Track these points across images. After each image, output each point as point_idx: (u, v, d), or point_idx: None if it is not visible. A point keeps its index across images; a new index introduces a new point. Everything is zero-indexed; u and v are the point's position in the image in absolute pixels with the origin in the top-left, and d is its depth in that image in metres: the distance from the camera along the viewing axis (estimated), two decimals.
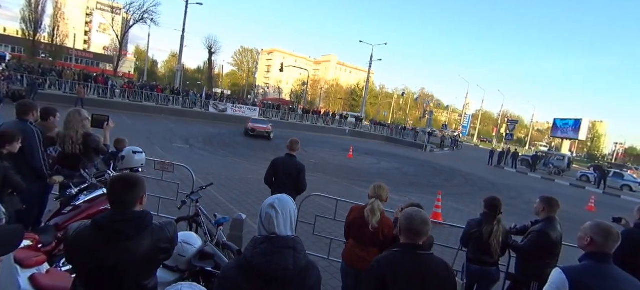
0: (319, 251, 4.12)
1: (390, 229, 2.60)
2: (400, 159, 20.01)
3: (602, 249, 1.85)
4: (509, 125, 45.02)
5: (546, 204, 3.06)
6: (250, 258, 1.30)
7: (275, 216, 1.35)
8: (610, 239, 1.84)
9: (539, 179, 22.26)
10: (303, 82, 60.51)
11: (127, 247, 1.45)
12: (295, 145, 4.02)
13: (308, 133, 26.83)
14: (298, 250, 1.34)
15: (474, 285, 3.29)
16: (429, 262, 1.69)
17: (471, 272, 3.25)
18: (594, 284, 1.76)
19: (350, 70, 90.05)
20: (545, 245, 2.92)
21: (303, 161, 3.97)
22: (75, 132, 3.34)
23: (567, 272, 1.82)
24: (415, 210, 1.80)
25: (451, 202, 9.67)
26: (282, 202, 1.40)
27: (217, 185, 6.74)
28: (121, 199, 1.49)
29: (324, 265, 4.03)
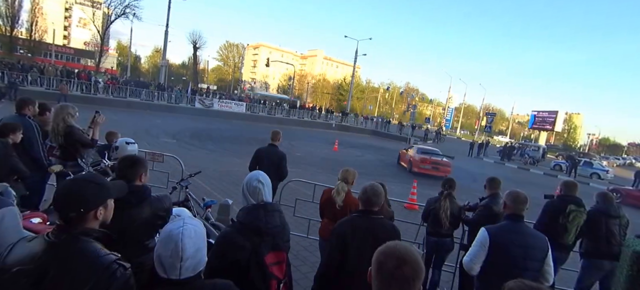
0: (298, 231, 4.55)
1: (356, 206, 3.03)
2: (384, 151, 20.62)
3: (513, 211, 2.36)
4: (487, 118, 46.46)
5: (490, 183, 3.59)
6: (247, 222, 1.64)
7: (262, 188, 1.73)
8: (518, 203, 2.35)
9: (515, 169, 23.27)
10: (290, 77, 60.53)
11: (131, 214, 1.78)
12: (276, 135, 4.42)
13: (295, 127, 27.13)
14: (280, 212, 1.78)
15: (432, 254, 3.79)
16: (380, 224, 2.13)
17: (429, 243, 3.76)
18: (507, 237, 2.27)
19: (337, 64, 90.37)
20: (489, 217, 3.40)
21: (289, 154, 4.38)
22: (57, 124, 3.48)
23: (488, 230, 2.33)
24: (370, 184, 2.24)
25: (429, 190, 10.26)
26: (264, 177, 1.80)
27: (204, 176, 7.06)
28: (124, 174, 1.87)
29: (304, 244, 4.48)
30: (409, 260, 1.02)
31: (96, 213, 1.22)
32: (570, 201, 3.50)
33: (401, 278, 1.00)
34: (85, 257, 1.11)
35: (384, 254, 1.05)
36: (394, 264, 1.02)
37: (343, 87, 68.23)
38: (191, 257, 1.18)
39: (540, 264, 2.21)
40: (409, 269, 1.01)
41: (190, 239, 1.19)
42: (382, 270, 1.03)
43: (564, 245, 3.57)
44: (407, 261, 1.02)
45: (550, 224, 3.45)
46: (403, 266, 1.01)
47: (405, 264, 1.01)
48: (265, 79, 74.88)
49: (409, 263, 1.02)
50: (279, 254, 1.67)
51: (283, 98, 41.07)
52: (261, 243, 1.59)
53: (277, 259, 1.64)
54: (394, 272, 1.01)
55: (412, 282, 1.01)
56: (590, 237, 3.53)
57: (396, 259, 1.02)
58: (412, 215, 6.17)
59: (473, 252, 2.33)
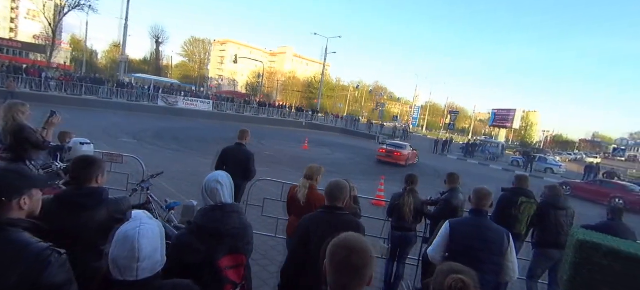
0: (266, 230, 4.54)
1: (321, 202, 3.08)
2: (354, 149, 20.99)
3: (477, 206, 2.52)
4: (451, 116, 48.78)
5: (449, 178, 3.81)
6: (203, 224, 1.60)
7: (221, 189, 1.69)
8: (481, 199, 2.51)
9: (476, 165, 24.65)
10: (258, 74, 59.56)
11: (86, 217, 1.69)
12: (244, 134, 4.35)
13: (264, 126, 26.81)
14: (240, 213, 1.74)
15: (397, 249, 3.94)
16: (343, 219, 2.18)
17: (394, 237, 3.89)
18: (466, 229, 2.42)
19: (307, 62, 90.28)
20: (449, 211, 3.59)
21: (258, 153, 4.33)
22: (6, 122, 3.23)
23: (451, 223, 2.49)
24: (334, 181, 2.29)
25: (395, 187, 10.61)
26: (223, 177, 1.76)
27: (168, 178, 6.80)
28: (78, 176, 1.77)
29: (272, 244, 4.47)
30: (357, 250, 1.08)
31: (20, 202, 1.21)
32: (521, 194, 3.79)
33: (350, 267, 1.07)
34: (12, 246, 1.10)
35: (335, 245, 1.12)
36: (343, 254, 1.08)
37: (313, 85, 68.31)
38: (148, 257, 1.17)
39: (499, 258, 2.31)
40: (357, 258, 1.07)
41: (147, 239, 1.17)
42: (333, 261, 1.09)
43: (517, 235, 3.85)
44: (355, 251, 1.08)
45: (503, 216, 3.72)
46: (352, 256, 1.07)
47: (354, 254, 1.08)
48: (233, 76, 73.00)
49: (358, 253, 1.08)
50: (237, 257, 1.63)
51: None
52: (217, 246, 1.55)
53: (235, 263, 1.61)
54: (344, 262, 1.08)
55: (361, 271, 1.07)
56: (541, 227, 3.84)
57: (345, 250, 1.08)
58: (380, 212, 6.36)
59: (436, 242, 2.48)
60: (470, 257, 2.30)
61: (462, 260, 2.31)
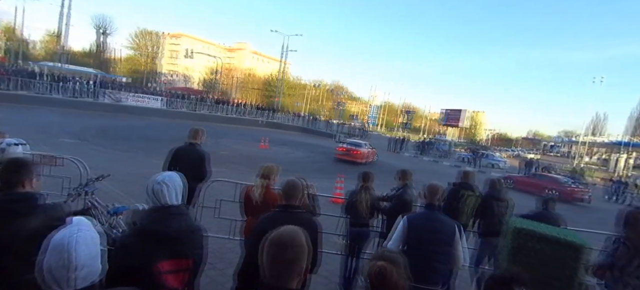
0: (222, 233, 4.38)
1: (277, 201, 3.05)
2: (313, 148, 21.11)
3: (430, 201, 2.67)
4: (406, 115, 51.21)
5: (401, 175, 3.99)
6: (146, 225, 1.51)
7: (165, 190, 1.58)
8: (433, 194, 2.67)
9: (429, 161, 26.14)
10: (214, 71, 57.34)
11: (16, 225, 1.51)
12: (197, 133, 4.13)
13: (221, 124, 25.93)
14: (187, 215, 1.64)
15: (354, 244, 4.03)
16: (298, 218, 2.17)
17: (351, 233, 3.98)
18: (420, 223, 2.56)
19: (266, 59, 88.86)
20: (401, 206, 3.76)
21: (214, 153, 4.14)
22: None
23: (407, 217, 2.62)
24: (289, 180, 2.28)
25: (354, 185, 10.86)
26: (169, 178, 1.65)
27: (114, 181, 6.26)
28: (7, 179, 1.58)
29: (229, 246, 4.32)
30: (290, 244, 1.14)
31: None
32: (465, 187, 4.10)
33: (283, 260, 1.13)
34: None
35: (271, 239, 1.18)
36: (277, 249, 1.14)
37: (272, 83, 67.46)
38: (85, 266, 1.09)
39: (451, 247, 2.50)
40: (291, 252, 1.13)
41: (83, 247, 1.10)
42: (268, 255, 1.15)
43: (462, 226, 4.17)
44: (288, 245, 1.14)
45: (450, 208, 3.98)
46: (285, 251, 1.13)
47: (287, 249, 1.13)
48: (187, 71, 69.36)
49: (291, 247, 1.14)
50: (181, 262, 1.54)
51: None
52: (158, 248, 1.47)
53: (176, 267, 1.52)
54: (277, 256, 1.13)
55: (293, 264, 1.14)
56: (484, 218, 4.18)
57: (279, 244, 1.14)
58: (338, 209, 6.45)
59: (394, 237, 2.59)
60: (425, 249, 2.45)
61: (418, 252, 2.45)
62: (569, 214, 12.42)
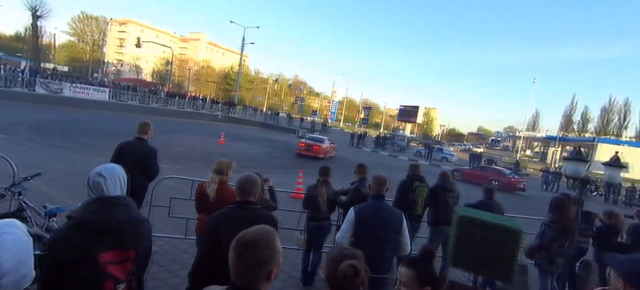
0: (175, 233, 4.17)
1: (233, 197, 2.97)
2: (273, 143, 20.86)
3: (376, 191, 2.74)
4: (365, 111, 52.60)
5: (358, 168, 4.10)
6: (82, 217, 1.43)
7: (104, 182, 1.52)
8: (379, 185, 2.74)
9: (387, 156, 27.10)
10: (167, 61, 54.02)
11: None
12: (144, 128, 3.86)
13: (175, 119, 24.58)
14: (129, 206, 1.56)
15: (312, 238, 4.06)
16: (257, 214, 2.13)
17: (310, 228, 4.01)
18: (368, 212, 2.63)
19: (223, 52, 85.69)
20: (358, 199, 3.85)
21: (167, 149, 3.89)
22: None
23: (355, 208, 2.67)
24: (245, 175, 2.22)
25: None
26: (109, 169, 1.58)
27: (51, 179, 5.70)
28: None
29: (183, 247, 4.13)
30: (255, 245, 1.11)
31: None
32: (416, 179, 4.32)
33: (247, 261, 1.09)
34: None
35: (237, 239, 1.14)
36: (238, 251, 1.11)
37: (230, 76, 65.24)
38: (11, 272, 1.01)
39: (397, 235, 2.62)
40: (257, 253, 1.09)
41: (8, 252, 1.01)
42: (233, 255, 1.12)
43: (417, 216, 4.38)
44: (253, 246, 1.10)
45: (404, 199, 4.18)
46: (246, 252, 1.09)
47: (252, 249, 1.10)
48: (136, 61, 64.44)
49: (256, 248, 1.10)
50: (124, 253, 1.49)
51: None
52: (98, 240, 1.41)
53: (119, 258, 1.47)
54: (241, 256, 1.10)
55: (259, 266, 1.10)
56: (434, 208, 4.44)
57: (245, 244, 1.11)
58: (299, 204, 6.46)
59: (344, 228, 2.64)
60: (374, 238, 2.54)
61: (368, 240, 2.53)
62: (509, 202, 13.74)
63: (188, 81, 58.31)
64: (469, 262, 2.98)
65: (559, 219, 3.47)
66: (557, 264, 3.51)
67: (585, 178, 3.50)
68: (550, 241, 3.47)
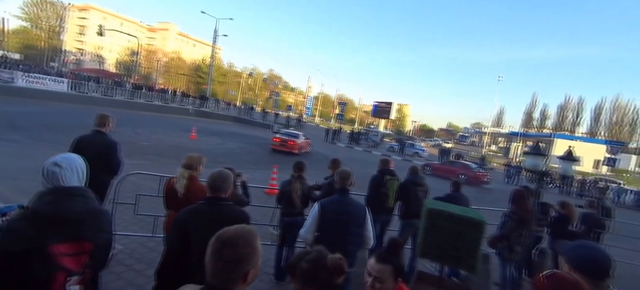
0: (143, 231, 4.00)
1: (203, 193, 2.89)
2: (247, 138, 20.50)
3: (341, 186, 2.79)
4: (340, 106, 53.06)
5: (332, 163, 4.13)
6: (36, 208, 1.37)
7: (60, 172, 1.46)
8: (344, 179, 2.80)
9: (361, 151, 27.48)
10: (133, 52, 51.30)
11: None
12: (104, 120, 3.62)
13: (143, 112, 23.49)
14: (87, 197, 1.50)
15: (286, 233, 4.05)
16: (228, 211, 2.08)
17: (283, 223, 3.99)
18: (334, 208, 2.66)
19: (194, 43, 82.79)
20: (332, 192, 3.90)
21: (134, 144, 3.69)
22: None
23: (320, 203, 2.71)
24: (217, 171, 2.16)
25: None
26: (66, 159, 1.51)
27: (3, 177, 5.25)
28: None
29: (150, 245, 3.97)
30: (232, 243, 1.07)
31: None
32: (386, 173, 4.43)
33: (222, 260, 1.06)
34: None
35: (215, 237, 1.10)
36: (216, 248, 1.07)
37: (202, 69, 63.14)
38: None
39: (361, 229, 2.66)
40: (232, 252, 1.06)
41: None
42: (209, 252, 1.08)
43: (388, 209, 4.49)
44: (229, 243, 1.07)
45: (376, 194, 4.27)
46: (223, 249, 1.06)
47: (226, 247, 1.06)
48: (98, 51, 60.60)
49: (233, 246, 1.07)
50: (80, 245, 1.44)
51: None
52: (51, 231, 1.36)
53: (75, 250, 1.42)
54: (216, 254, 1.06)
55: (233, 265, 1.06)
56: (404, 201, 4.56)
57: (221, 242, 1.07)
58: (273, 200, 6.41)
59: (307, 223, 2.67)
60: (338, 231, 2.57)
61: (332, 234, 2.55)
62: (475, 195, 14.40)
63: (156, 73, 55.79)
64: (436, 252, 3.10)
65: (519, 210, 3.69)
66: (516, 252, 3.74)
67: (542, 171, 3.74)
68: (510, 231, 3.69)
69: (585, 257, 1.41)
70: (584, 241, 1.55)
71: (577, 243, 1.54)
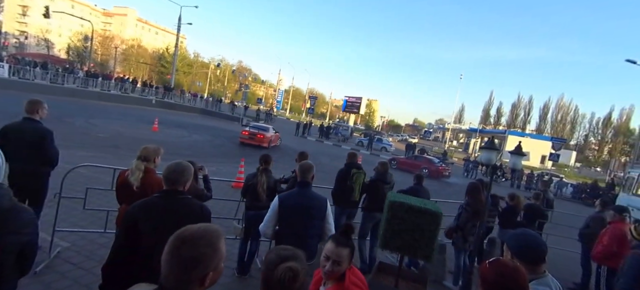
0: (93, 226, 3.74)
1: (159, 186, 2.75)
2: (214, 131, 19.89)
3: (301, 178, 2.75)
4: (310, 100, 53.05)
5: (299, 157, 4.13)
6: None
7: None
8: (304, 172, 2.76)
9: (330, 145, 27.70)
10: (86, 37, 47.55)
11: None
12: (35, 106, 3.24)
13: (98, 102, 21.94)
14: (3, 195, 1.37)
15: (251, 227, 3.99)
16: (186, 205, 1.99)
17: (248, 217, 3.93)
18: (294, 201, 2.63)
19: (156, 30, 78.51)
20: None
21: (87, 135, 3.39)
22: None
23: (279, 196, 2.67)
24: (175, 162, 2.06)
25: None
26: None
27: None
28: None
29: (101, 242, 3.72)
30: (192, 240, 1.01)
31: None
32: (353, 167, 4.50)
33: (177, 258, 0.99)
34: None
35: (174, 234, 1.04)
36: (174, 246, 1.00)
37: (166, 58, 59.99)
38: None
39: (321, 221, 2.65)
40: (188, 251, 0.99)
41: None
42: (165, 251, 1.01)
43: (354, 202, 4.56)
44: (188, 241, 1.01)
45: (342, 187, 4.33)
46: (182, 248, 0.99)
47: (185, 246, 1.00)
48: (45, 34, 55.34)
49: (192, 243, 1.01)
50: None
51: None
52: None
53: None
54: (171, 252, 1.00)
55: (189, 265, 0.99)
56: (369, 195, 4.65)
57: (180, 239, 1.01)
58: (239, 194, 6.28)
59: (268, 217, 2.62)
60: (297, 225, 2.56)
61: (291, 228, 2.54)
62: (436, 188, 15.15)
63: (114, 61, 52.17)
64: (396, 243, 3.22)
65: (473, 202, 3.92)
66: (470, 241, 3.98)
67: (495, 165, 3.99)
68: (465, 222, 3.91)
69: (523, 244, 1.53)
70: (524, 230, 1.68)
71: (517, 231, 1.66)
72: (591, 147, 60.87)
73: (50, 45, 54.49)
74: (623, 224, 3.94)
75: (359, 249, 4.58)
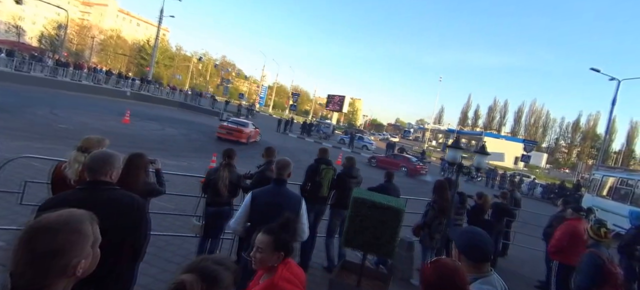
0: None
1: None
2: (191, 125, 19.36)
3: (277, 175, 2.63)
4: (293, 97, 52.75)
5: (266, 151, 3.96)
6: None
7: None
8: (280, 169, 2.64)
9: (312, 142, 27.54)
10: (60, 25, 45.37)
11: None
12: None
13: (67, 92, 20.92)
14: None
15: (211, 224, 3.80)
16: (108, 196, 1.79)
17: (208, 213, 3.74)
18: (267, 198, 2.51)
19: (137, 22, 75.97)
20: (262, 182, 3.72)
21: (47, 125, 3.10)
22: None
23: (252, 193, 2.55)
24: (99, 150, 1.87)
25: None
26: None
27: None
28: None
29: None
30: (48, 229, 0.87)
31: None
32: (322, 162, 4.38)
33: (32, 251, 0.84)
34: None
35: (25, 225, 0.90)
36: (25, 239, 0.85)
37: (146, 50, 58.10)
38: None
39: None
40: (46, 239, 0.85)
41: None
42: (14, 247, 0.87)
43: (323, 198, 4.45)
44: (44, 230, 0.86)
45: (311, 182, 4.20)
46: (38, 237, 0.85)
47: (42, 234, 0.86)
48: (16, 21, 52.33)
49: (49, 232, 0.86)
50: None
51: None
52: None
53: None
54: (25, 246, 0.84)
55: (46, 259, 0.84)
56: (338, 191, 4.55)
57: (34, 229, 0.87)
58: None
59: (238, 214, 2.50)
60: (270, 222, 2.42)
61: (264, 225, 2.43)
62: (413, 185, 15.30)
63: (91, 51, 50.02)
64: (358, 241, 3.13)
65: (439, 199, 3.88)
66: (436, 239, 3.94)
67: (460, 163, 3.98)
68: (432, 219, 3.86)
69: (467, 242, 1.45)
70: (472, 228, 1.61)
71: (464, 229, 1.59)
72: (561, 149, 63.77)
73: (21, 32, 51.55)
74: (578, 222, 4.02)
75: (326, 248, 4.47)
